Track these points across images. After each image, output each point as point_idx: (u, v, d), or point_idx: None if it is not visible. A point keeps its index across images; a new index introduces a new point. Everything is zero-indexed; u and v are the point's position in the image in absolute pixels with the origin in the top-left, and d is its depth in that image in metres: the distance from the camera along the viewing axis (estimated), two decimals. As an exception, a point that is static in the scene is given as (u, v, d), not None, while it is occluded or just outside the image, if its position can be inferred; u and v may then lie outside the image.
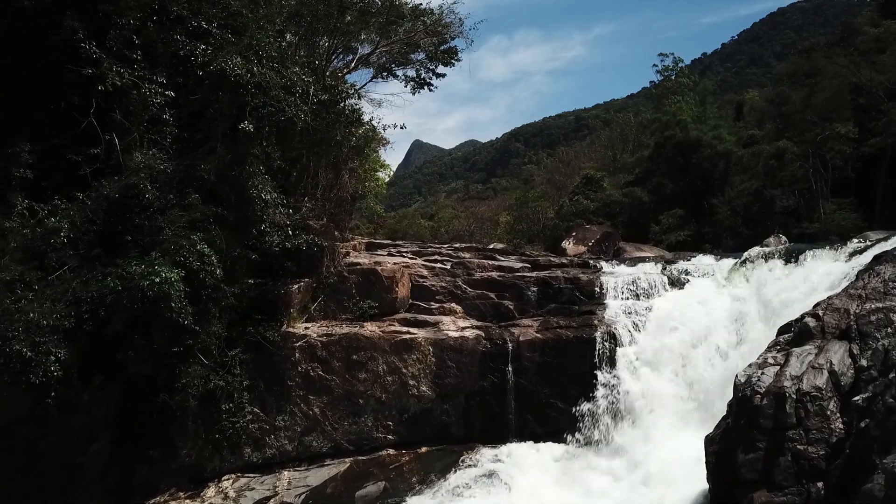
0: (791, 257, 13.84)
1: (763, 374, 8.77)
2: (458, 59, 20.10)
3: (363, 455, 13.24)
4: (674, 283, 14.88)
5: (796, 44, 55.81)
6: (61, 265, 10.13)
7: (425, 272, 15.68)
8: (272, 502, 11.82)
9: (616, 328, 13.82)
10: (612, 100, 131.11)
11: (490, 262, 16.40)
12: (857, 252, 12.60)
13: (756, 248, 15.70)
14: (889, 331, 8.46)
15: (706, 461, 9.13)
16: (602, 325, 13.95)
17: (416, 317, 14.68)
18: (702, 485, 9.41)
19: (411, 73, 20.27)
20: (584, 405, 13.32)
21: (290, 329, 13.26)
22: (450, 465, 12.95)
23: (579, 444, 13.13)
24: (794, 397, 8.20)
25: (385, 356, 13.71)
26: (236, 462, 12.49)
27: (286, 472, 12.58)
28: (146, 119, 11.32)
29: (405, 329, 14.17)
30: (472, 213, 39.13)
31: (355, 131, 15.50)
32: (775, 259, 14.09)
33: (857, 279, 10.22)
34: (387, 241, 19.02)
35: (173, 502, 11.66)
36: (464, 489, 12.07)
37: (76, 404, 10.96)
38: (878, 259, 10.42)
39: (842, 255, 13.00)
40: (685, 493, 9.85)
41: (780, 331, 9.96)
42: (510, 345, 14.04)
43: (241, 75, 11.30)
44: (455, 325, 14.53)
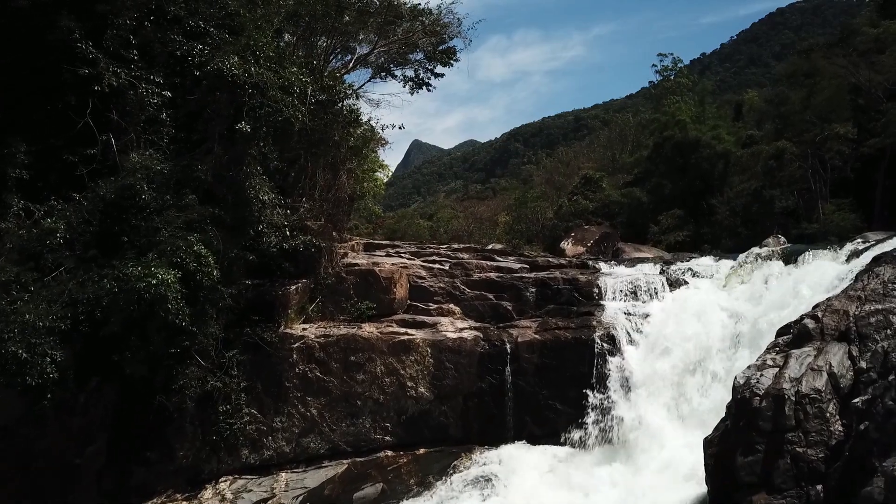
0: (790, 258, 13.80)
1: (762, 375, 8.71)
2: (456, 59, 20.13)
3: (361, 456, 13.19)
4: (673, 285, 14.85)
5: (795, 44, 55.97)
6: (57, 266, 10.09)
7: (423, 273, 15.64)
8: (269, 504, 11.78)
9: (615, 329, 13.78)
10: (611, 100, 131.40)
11: (488, 262, 16.36)
12: (857, 253, 12.56)
13: (755, 249, 15.67)
14: (888, 332, 8.41)
15: (705, 463, 9.06)
16: (601, 326, 13.93)
17: (414, 318, 14.63)
18: (700, 487, 9.37)
19: (410, 73, 20.28)
20: (583, 407, 13.24)
21: (288, 330, 13.21)
22: (448, 466, 12.90)
23: (578, 445, 13.08)
24: (794, 399, 8.15)
25: (383, 357, 13.67)
26: (233, 464, 12.44)
27: (284, 474, 12.54)
28: (143, 119, 11.27)
29: (403, 330, 14.12)
30: (471, 213, 39.08)
31: (353, 132, 15.46)
32: (774, 260, 14.05)
33: (856, 280, 10.17)
34: (385, 242, 18.99)
35: (170, 504, 11.62)
36: (462, 491, 12.02)
37: (72, 406, 10.94)
38: (877, 260, 10.38)
39: (841, 256, 12.96)
40: (684, 496, 9.81)
41: (779, 332, 9.90)
42: (508, 346, 13.99)
43: (239, 75, 11.27)
44: (453, 326, 14.48)
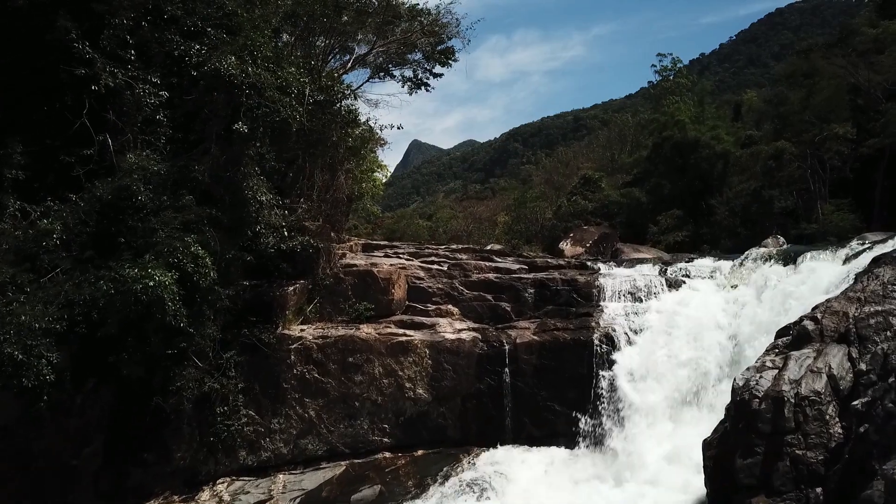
0: (789, 259, 13.76)
1: (761, 377, 8.68)
2: (455, 59, 20.12)
3: (359, 458, 13.17)
4: (672, 286, 14.80)
5: (794, 44, 55.95)
6: (53, 267, 10.04)
7: (422, 274, 15.59)
8: (267, 506, 11.74)
9: (613, 330, 13.74)
10: (610, 100, 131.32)
11: (487, 263, 16.30)
12: (856, 254, 12.52)
13: (754, 250, 15.63)
14: (888, 334, 8.37)
15: (704, 466, 9.03)
16: (599, 327, 13.88)
17: (412, 319, 14.59)
18: (700, 490, 9.33)
19: (408, 73, 20.29)
20: (582, 409, 13.23)
21: (286, 331, 13.17)
22: (446, 468, 12.86)
23: (577, 447, 13.05)
24: (793, 401, 8.11)
25: (381, 358, 13.63)
26: (231, 465, 12.40)
27: (281, 476, 12.50)
28: (140, 120, 11.24)
29: (401, 331, 14.08)
30: (471, 213, 39.08)
31: (352, 132, 15.41)
32: (773, 261, 14.02)
33: (855, 282, 10.12)
34: (383, 243, 18.95)
35: (167, 506, 11.58)
36: (460, 493, 11.99)
37: (69, 407, 10.89)
38: (876, 261, 10.33)
39: (840, 256, 12.93)
40: (682, 498, 9.78)
41: (778, 334, 9.86)
42: (507, 347, 13.96)
43: (236, 75, 11.22)
44: (452, 328, 14.44)
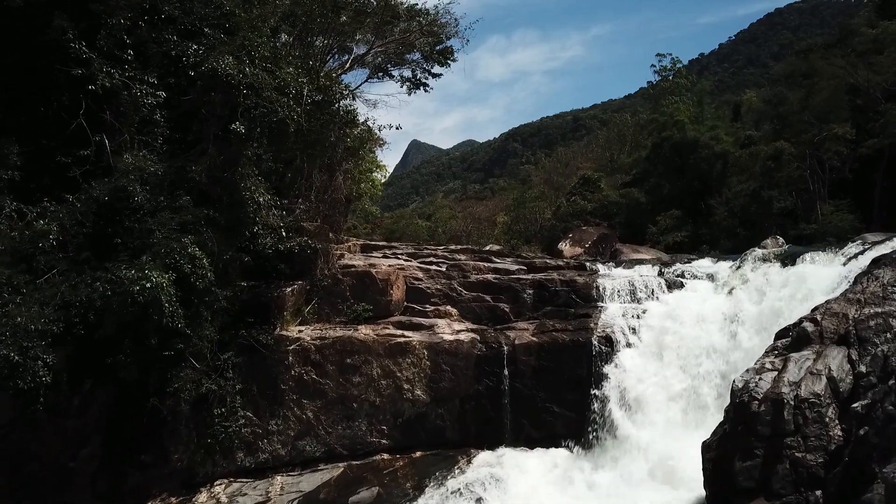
0: (788, 260, 13.72)
1: (761, 379, 8.65)
2: (453, 59, 20.13)
3: (357, 460, 13.12)
4: (671, 286, 14.76)
5: (793, 44, 55.86)
6: (50, 268, 10.01)
7: (420, 274, 15.55)
8: (264, 508, 11.69)
9: (612, 331, 13.70)
10: (609, 100, 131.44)
11: (486, 264, 16.26)
12: (855, 255, 12.48)
13: (754, 250, 15.57)
14: (888, 336, 8.34)
15: (703, 468, 9.00)
16: (598, 328, 13.84)
17: (410, 320, 14.54)
18: (699, 491, 9.29)
19: (407, 73, 20.32)
20: (581, 410, 13.18)
21: (284, 332, 13.12)
22: (444, 469, 12.80)
23: (576, 448, 13.01)
24: (793, 404, 8.09)
25: (379, 360, 13.57)
26: (229, 467, 12.35)
27: (279, 477, 12.46)
28: (137, 120, 11.21)
29: (400, 332, 14.04)
30: (470, 213, 39.10)
31: (350, 132, 15.38)
32: (773, 261, 13.97)
33: (855, 283, 10.08)
34: (382, 243, 18.91)
35: (164, 508, 11.53)
36: (459, 495, 11.92)
37: (66, 409, 10.85)
38: (876, 262, 10.30)
39: (839, 257, 12.88)
40: (682, 500, 9.74)
41: (777, 335, 9.83)
42: (506, 348, 13.91)
43: (233, 75, 11.18)
44: (450, 328, 14.39)
